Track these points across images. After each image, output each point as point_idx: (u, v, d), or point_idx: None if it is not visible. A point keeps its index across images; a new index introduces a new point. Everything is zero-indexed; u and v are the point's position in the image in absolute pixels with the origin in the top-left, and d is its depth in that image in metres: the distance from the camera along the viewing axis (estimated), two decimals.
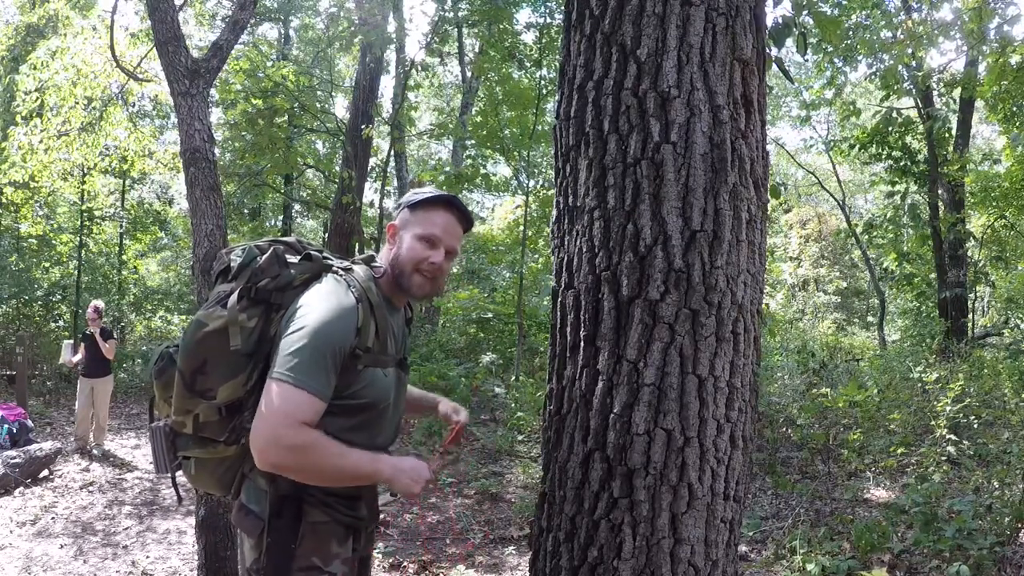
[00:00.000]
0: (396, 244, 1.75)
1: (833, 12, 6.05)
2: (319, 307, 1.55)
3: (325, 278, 1.64)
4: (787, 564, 4.21)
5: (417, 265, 1.70)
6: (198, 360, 1.59)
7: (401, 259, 1.72)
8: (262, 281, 1.62)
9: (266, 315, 1.61)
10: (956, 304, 11.46)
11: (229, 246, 1.81)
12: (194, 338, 1.59)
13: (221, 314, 1.59)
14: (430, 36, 10.05)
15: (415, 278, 1.71)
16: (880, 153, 12.07)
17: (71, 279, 13.35)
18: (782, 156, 20.48)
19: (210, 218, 3.96)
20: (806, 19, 4.11)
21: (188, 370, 1.60)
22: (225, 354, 1.57)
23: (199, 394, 1.60)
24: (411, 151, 18.47)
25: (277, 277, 1.62)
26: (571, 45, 1.73)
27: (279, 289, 1.62)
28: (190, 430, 1.67)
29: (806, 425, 6.58)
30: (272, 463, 1.49)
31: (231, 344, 1.57)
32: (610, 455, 1.53)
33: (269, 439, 1.46)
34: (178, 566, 4.71)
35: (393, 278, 1.73)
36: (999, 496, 4.60)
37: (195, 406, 1.62)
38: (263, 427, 1.47)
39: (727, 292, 1.55)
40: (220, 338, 1.57)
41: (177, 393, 1.63)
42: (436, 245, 1.71)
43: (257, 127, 10.60)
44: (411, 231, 1.73)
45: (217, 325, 1.58)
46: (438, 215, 1.73)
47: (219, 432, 1.64)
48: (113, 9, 6.66)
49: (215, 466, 1.72)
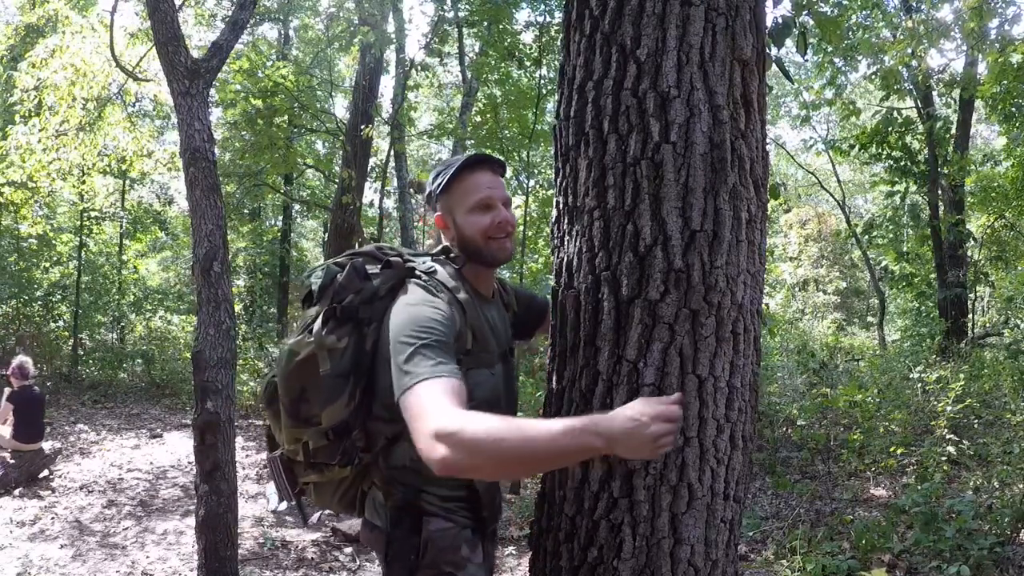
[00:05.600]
0: (453, 230, 1.69)
1: (833, 12, 6.05)
2: (408, 318, 1.48)
3: (410, 286, 1.58)
4: (787, 564, 4.21)
5: (487, 233, 1.65)
6: (296, 389, 1.57)
7: (468, 237, 1.66)
8: (346, 298, 1.57)
9: (357, 331, 1.56)
10: (956, 304, 11.45)
11: (309, 269, 1.73)
12: (288, 369, 1.56)
13: (309, 341, 1.55)
14: (430, 36, 10.04)
15: (491, 245, 1.66)
16: (880, 153, 12.06)
17: (71, 279, 13.34)
18: (782, 156, 20.47)
19: (210, 218, 3.96)
20: (806, 19, 4.10)
21: (289, 400, 1.58)
22: (319, 380, 1.54)
23: (304, 422, 1.58)
24: (411, 151, 18.47)
25: (360, 291, 1.57)
26: (571, 45, 1.73)
27: (365, 303, 1.57)
28: (302, 459, 1.64)
29: (806, 425, 6.58)
30: (449, 467, 1.28)
31: (321, 369, 1.53)
32: (610, 455, 1.52)
33: (429, 448, 1.29)
34: (178, 566, 4.71)
35: (472, 260, 1.67)
36: (999, 496, 4.60)
37: (302, 434, 1.60)
38: (419, 441, 1.32)
39: (727, 292, 1.55)
40: (312, 365, 1.54)
41: (284, 424, 1.62)
42: (492, 205, 1.66)
43: (257, 127, 10.58)
44: (460, 209, 1.67)
45: (307, 352, 1.54)
46: (474, 179, 1.67)
47: (330, 456, 1.61)
48: (113, 9, 6.67)
49: (333, 488, 1.72)
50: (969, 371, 8.34)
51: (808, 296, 21.08)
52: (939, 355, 10.13)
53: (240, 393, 8.87)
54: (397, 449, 1.60)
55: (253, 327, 15.54)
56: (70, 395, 10.96)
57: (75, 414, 9.80)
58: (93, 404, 10.54)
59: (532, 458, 1.30)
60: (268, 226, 18.86)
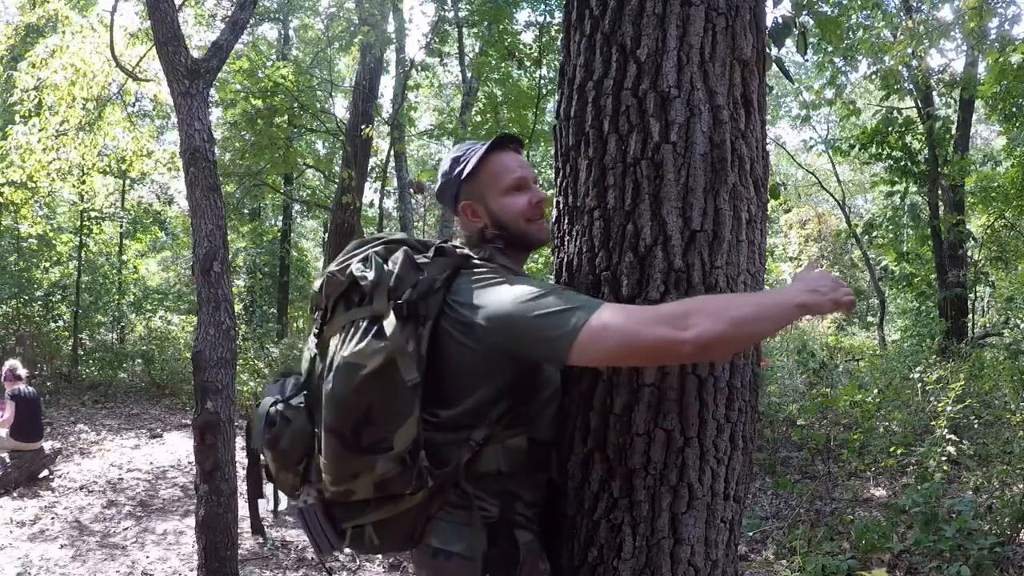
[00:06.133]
0: (485, 217, 1.56)
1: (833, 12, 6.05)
2: (514, 288, 1.34)
3: (474, 273, 1.42)
4: (787, 564, 4.21)
5: (525, 215, 1.56)
6: (359, 412, 1.31)
7: (507, 222, 1.55)
8: (404, 293, 1.36)
9: (415, 331, 1.35)
10: (956, 304, 11.45)
11: (334, 263, 1.49)
12: (350, 387, 1.30)
13: (378, 347, 1.30)
14: (430, 36, 10.05)
15: (531, 228, 1.57)
16: (880, 153, 12.06)
17: (71, 279, 13.34)
18: (782, 156, 20.48)
19: (210, 218, 3.97)
20: (806, 19, 4.11)
21: (348, 427, 1.31)
22: (394, 394, 1.32)
23: (368, 450, 1.32)
24: (411, 151, 18.47)
25: (416, 284, 1.37)
26: (571, 45, 1.73)
27: (422, 297, 1.37)
28: (365, 495, 1.38)
29: (806, 425, 6.58)
30: (706, 342, 1.20)
31: (407, 378, 1.31)
32: (610, 455, 1.53)
33: (674, 333, 1.19)
34: (178, 566, 4.71)
35: (511, 246, 1.56)
36: (999, 496, 4.60)
37: (365, 466, 1.34)
38: (656, 335, 1.20)
39: (727, 292, 1.55)
40: (386, 377, 1.30)
41: (334, 459, 1.34)
42: (526, 185, 1.57)
43: (257, 127, 10.59)
44: (492, 193, 1.56)
45: (378, 362, 1.30)
46: (502, 160, 1.57)
47: (405, 483, 1.36)
48: (113, 9, 6.67)
49: (399, 522, 1.43)
50: (969, 371, 8.35)
51: None
52: (939, 355, 10.13)
53: (240, 393, 8.87)
54: (486, 454, 1.44)
55: (253, 327, 15.55)
56: (70, 395, 10.97)
57: (75, 414, 9.81)
58: (93, 404, 10.55)
59: (759, 318, 1.27)
60: (268, 226, 18.88)
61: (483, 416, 1.43)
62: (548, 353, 1.32)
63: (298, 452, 1.46)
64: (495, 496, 1.45)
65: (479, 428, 1.42)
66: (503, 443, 1.46)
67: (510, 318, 1.32)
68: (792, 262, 21.56)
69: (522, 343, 1.33)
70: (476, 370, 1.41)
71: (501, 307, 1.33)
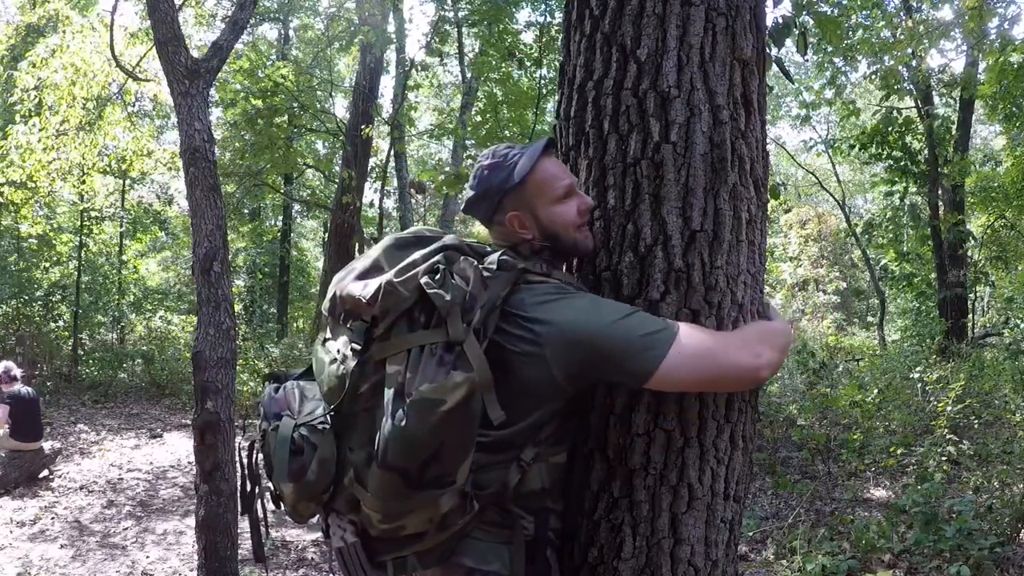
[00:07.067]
0: (532, 228, 1.47)
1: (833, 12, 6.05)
2: (590, 305, 1.33)
3: (538, 285, 1.35)
4: (787, 564, 4.21)
5: (576, 223, 1.48)
6: (432, 448, 1.21)
7: (558, 232, 1.47)
8: (477, 314, 1.25)
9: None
10: (956, 304, 11.46)
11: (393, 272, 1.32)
12: (428, 425, 1.19)
13: (460, 380, 1.20)
14: (430, 36, 10.04)
15: (579, 236, 1.50)
16: (880, 153, 12.06)
17: (71, 279, 13.34)
18: (782, 156, 20.47)
19: (210, 218, 3.97)
20: (806, 19, 4.11)
21: (415, 465, 1.21)
22: (468, 429, 1.23)
23: (431, 485, 1.23)
24: (411, 151, 18.47)
25: (484, 304, 1.27)
26: (571, 45, 1.73)
27: (488, 316, 1.27)
28: (419, 529, 1.30)
29: (806, 425, 6.58)
30: (773, 367, 1.40)
31: (493, 416, 1.23)
32: (610, 455, 1.53)
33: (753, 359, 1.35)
34: (178, 566, 4.71)
35: (559, 256, 1.51)
36: (999, 496, 4.60)
37: (426, 502, 1.25)
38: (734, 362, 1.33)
39: (727, 292, 1.55)
40: (467, 411, 1.21)
41: (392, 497, 1.24)
42: (572, 191, 1.49)
43: (257, 127, 10.59)
44: (542, 201, 1.46)
45: (460, 396, 1.19)
46: (546, 168, 1.48)
47: (463, 512, 1.29)
48: (113, 9, 6.67)
49: (440, 547, 1.35)
50: (969, 371, 8.35)
51: (808, 296, 21.08)
52: (939, 355, 10.13)
53: (240, 393, 8.87)
54: (532, 472, 1.38)
55: (253, 327, 15.56)
56: (70, 395, 10.97)
57: (75, 414, 9.81)
58: (93, 404, 10.55)
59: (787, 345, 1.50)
60: (268, 226, 18.88)
61: (534, 435, 1.37)
62: (631, 373, 1.29)
63: (325, 481, 1.33)
64: (532, 513, 1.41)
65: (528, 447, 1.36)
66: (547, 460, 1.42)
67: (592, 335, 1.27)
68: (792, 262, 21.57)
69: (604, 361, 1.29)
70: (541, 389, 1.31)
71: (581, 323, 1.28)
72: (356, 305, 1.34)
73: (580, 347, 1.28)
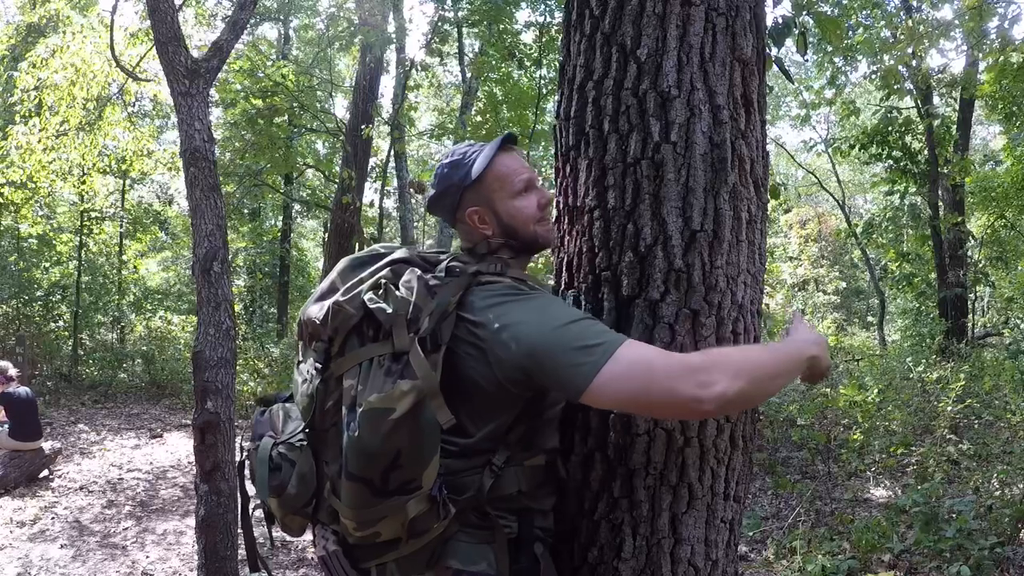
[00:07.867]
0: (492, 223, 1.49)
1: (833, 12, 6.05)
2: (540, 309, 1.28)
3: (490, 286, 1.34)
4: (787, 564, 4.21)
5: (536, 217, 1.49)
6: (389, 457, 1.23)
7: (517, 227, 1.48)
8: (424, 322, 1.27)
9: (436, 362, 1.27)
10: (956, 304, 11.46)
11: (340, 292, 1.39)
12: (379, 434, 1.21)
13: (407, 388, 1.22)
14: (430, 36, 10.05)
15: (540, 230, 1.51)
16: (880, 153, 12.06)
17: (71, 279, 13.34)
18: (782, 156, 20.48)
19: (210, 218, 3.96)
20: (806, 19, 4.11)
21: (376, 474, 1.24)
22: (425, 434, 1.24)
23: (398, 492, 1.26)
24: (411, 151, 18.47)
25: (432, 312, 1.28)
26: (571, 45, 1.73)
27: (438, 324, 1.28)
28: (393, 536, 1.32)
29: (806, 425, 6.58)
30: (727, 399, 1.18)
31: (441, 420, 1.24)
32: (610, 455, 1.53)
33: (696, 388, 1.17)
34: (178, 566, 4.71)
35: (521, 252, 1.52)
36: (999, 496, 4.59)
37: (394, 509, 1.27)
38: (676, 389, 1.17)
39: (727, 292, 1.55)
40: (417, 417, 1.23)
41: (359, 505, 1.27)
42: (532, 185, 1.50)
43: (257, 127, 10.60)
44: (501, 197, 1.48)
45: (408, 404, 1.22)
46: (506, 161, 1.49)
47: (435, 517, 1.31)
48: (113, 9, 6.67)
49: (421, 553, 1.37)
50: (969, 371, 8.35)
51: (808, 296, 21.08)
52: (939, 355, 10.13)
53: (240, 393, 8.87)
54: (506, 476, 1.39)
55: (253, 327, 15.56)
56: (70, 395, 10.96)
57: (75, 414, 9.81)
58: (93, 404, 10.55)
59: (776, 374, 1.30)
60: (268, 226, 18.88)
61: (501, 440, 1.38)
62: (564, 384, 1.25)
63: (305, 495, 1.39)
64: (514, 513, 1.42)
65: (498, 452, 1.37)
66: (522, 464, 1.42)
67: (531, 341, 1.25)
68: (792, 262, 21.57)
69: (539, 369, 1.26)
70: (494, 393, 1.32)
71: (522, 328, 1.26)
72: (314, 327, 1.40)
73: (519, 352, 1.26)
